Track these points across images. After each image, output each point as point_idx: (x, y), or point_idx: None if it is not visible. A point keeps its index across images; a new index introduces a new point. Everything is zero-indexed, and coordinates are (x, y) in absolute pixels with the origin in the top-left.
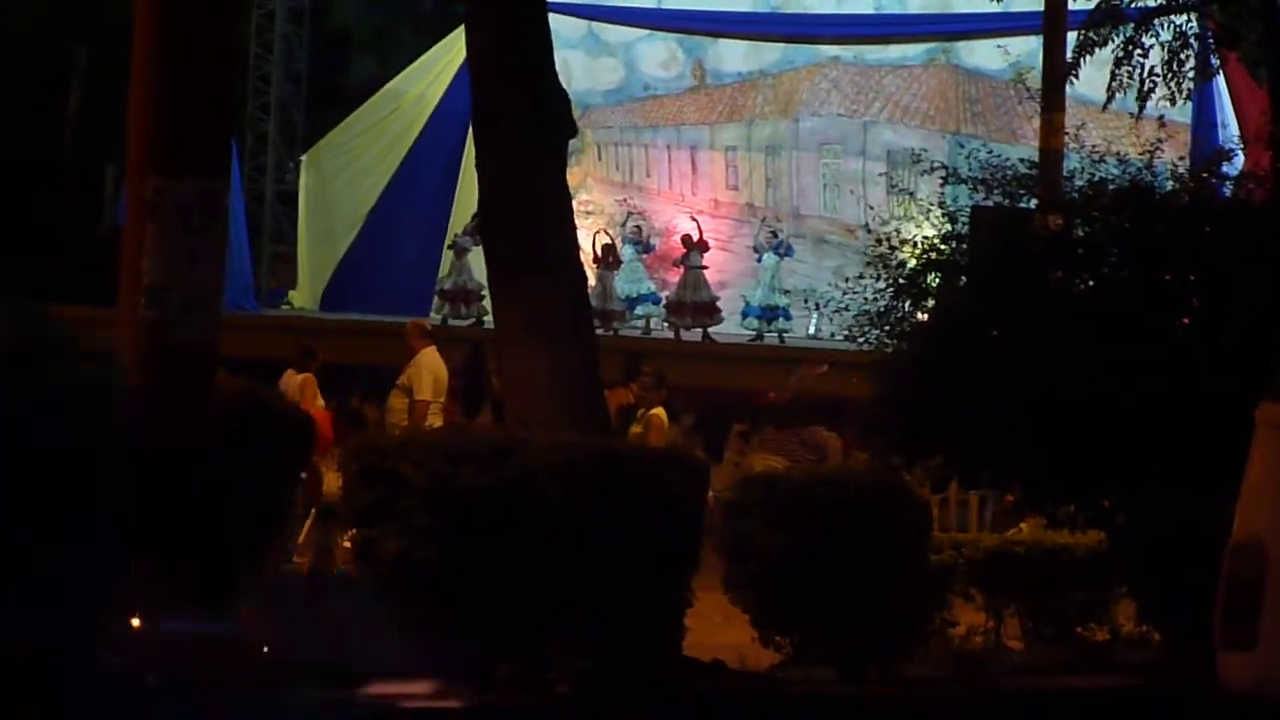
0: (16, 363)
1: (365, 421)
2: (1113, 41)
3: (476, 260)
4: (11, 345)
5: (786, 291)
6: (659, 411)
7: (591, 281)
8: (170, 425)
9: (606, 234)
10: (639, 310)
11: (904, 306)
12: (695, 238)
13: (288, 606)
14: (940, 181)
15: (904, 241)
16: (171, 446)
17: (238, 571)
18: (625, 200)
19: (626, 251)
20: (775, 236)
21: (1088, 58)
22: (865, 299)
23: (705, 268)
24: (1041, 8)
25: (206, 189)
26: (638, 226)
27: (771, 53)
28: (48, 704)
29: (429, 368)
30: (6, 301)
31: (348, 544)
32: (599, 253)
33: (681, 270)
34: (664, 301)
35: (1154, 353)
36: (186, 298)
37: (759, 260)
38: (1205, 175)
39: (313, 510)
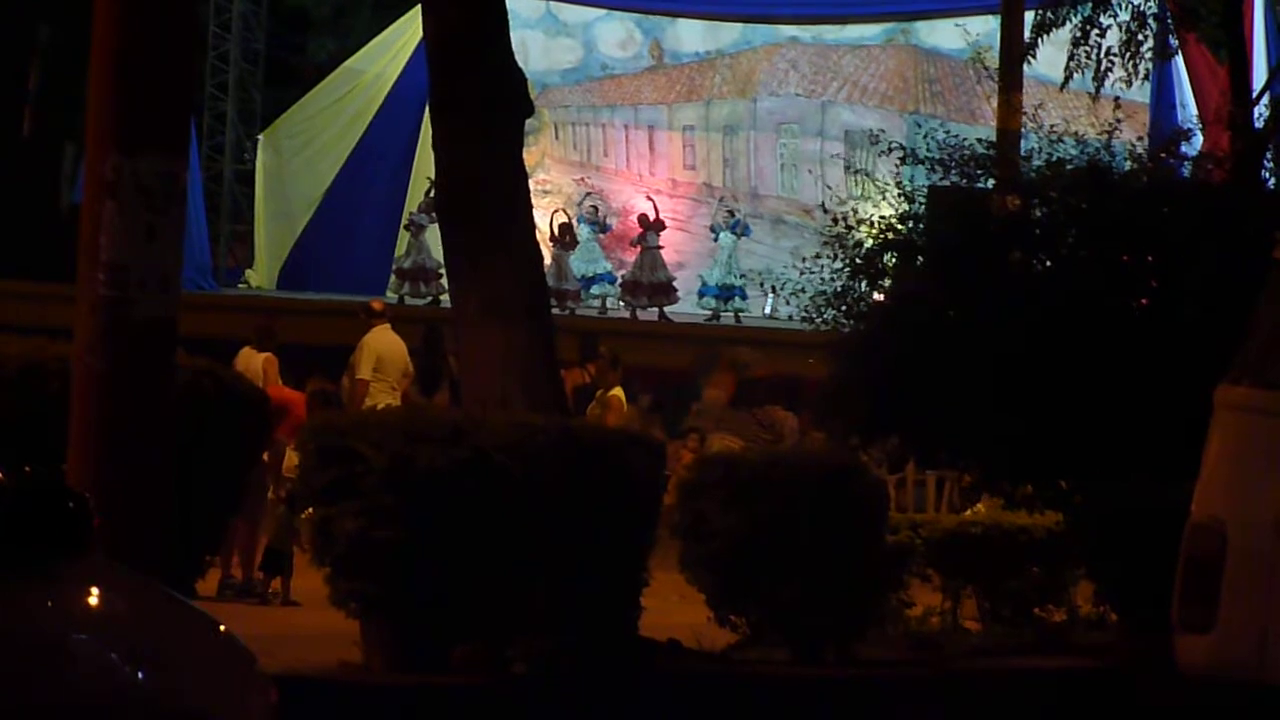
0: None
1: (338, 401)
2: (1071, 21)
3: (434, 238)
4: None
5: (743, 273)
6: (617, 392)
7: (548, 261)
8: (129, 403)
9: (564, 213)
10: (595, 290)
11: (861, 287)
12: (652, 217)
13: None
14: (898, 161)
15: (861, 221)
16: (131, 424)
17: (198, 550)
18: (583, 180)
19: (583, 231)
20: (732, 216)
21: (1046, 37)
22: (822, 279)
23: (661, 247)
24: None
25: (165, 167)
26: (594, 206)
27: (729, 33)
28: None
29: (372, 347)
30: None
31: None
32: (555, 232)
33: (638, 250)
34: (620, 281)
35: (1112, 333)
36: (145, 275)
37: (716, 240)
38: (1163, 155)
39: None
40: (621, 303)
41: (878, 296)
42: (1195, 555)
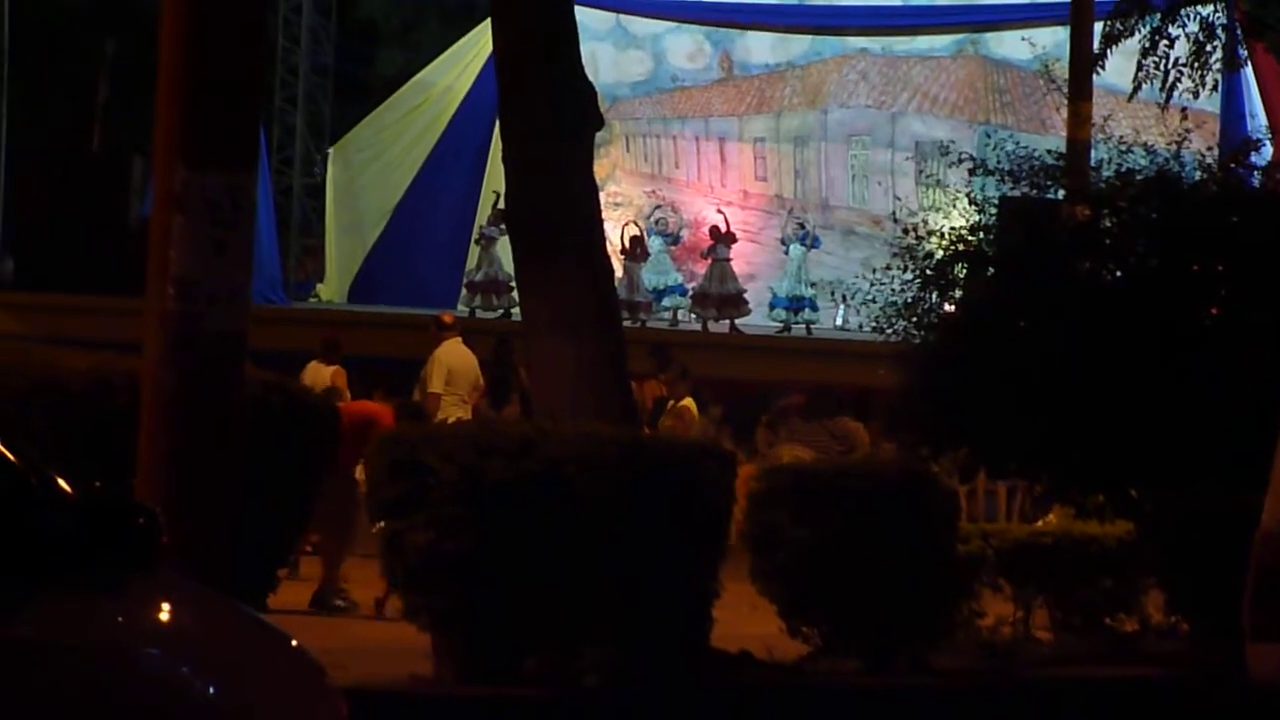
0: None
1: (424, 414)
2: (1139, 32)
3: (505, 251)
4: None
5: (813, 284)
6: (688, 403)
7: (619, 273)
8: (198, 417)
9: (635, 225)
10: (666, 302)
11: (931, 297)
12: (723, 229)
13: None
14: (968, 172)
15: (931, 232)
16: (199, 438)
17: (268, 564)
18: (654, 192)
19: (654, 243)
20: (802, 228)
21: (1114, 48)
22: (893, 290)
23: (731, 259)
24: None
25: (234, 180)
26: (664, 218)
27: (799, 44)
28: None
29: (443, 360)
30: None
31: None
32: (627, 244)
33: (708, 262)
34: (690, 293)
35: (1182, 342)
36: (214, 289)
37: (786, 252)
38: (1233, 165)
39: None
40: (692, 315)
41: (948, 307)
42: (1266, 563)
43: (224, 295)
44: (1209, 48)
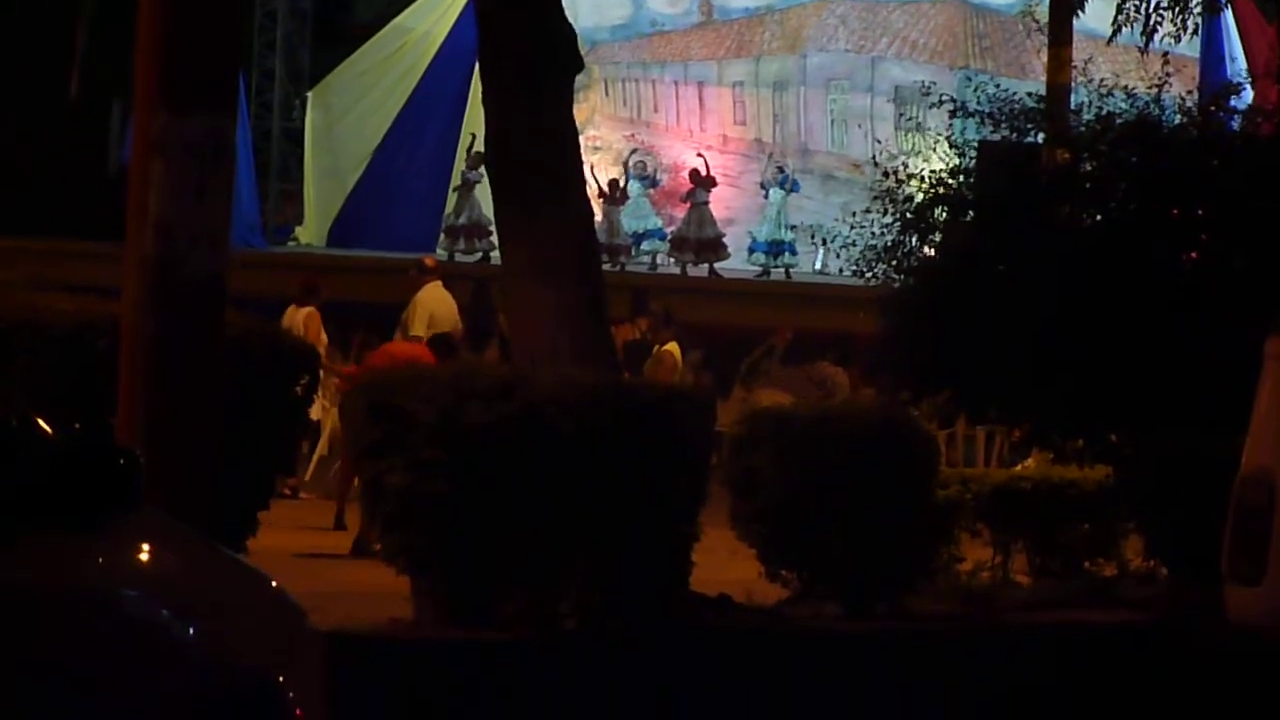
0: None
1: (456, 348)
2: None
3: (485, 194)
4: None
5: (793, 227)
6: (672, 347)
7: (598, 217)
8: (178, 360)
9: (612, 169)
10: (645, 246)
11: (911, 242)
12: (702, 173)
13: None
14: (948, 116)
15: (911, 176)
16: (179, 381)
17: (249, 508)
18: (633, 136)
19: (633, 187)
20: (782, 172)
21: None
22: (872, 234)
23: (709, 204)
24: None
25: (214, 124)
26: (643, 161)
27: None
28: None
29: (425, 304)
30: None
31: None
32: (605, 188)
33: (687, 206)
34: (669, 237)
35: (1162, 286)
36: (194, 233)
37: (765, 196)
38: (1213, 109)
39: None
40: (671, 259)
41: (928, 251)
42: (1245, 507)
43: (204, 239)
44: None
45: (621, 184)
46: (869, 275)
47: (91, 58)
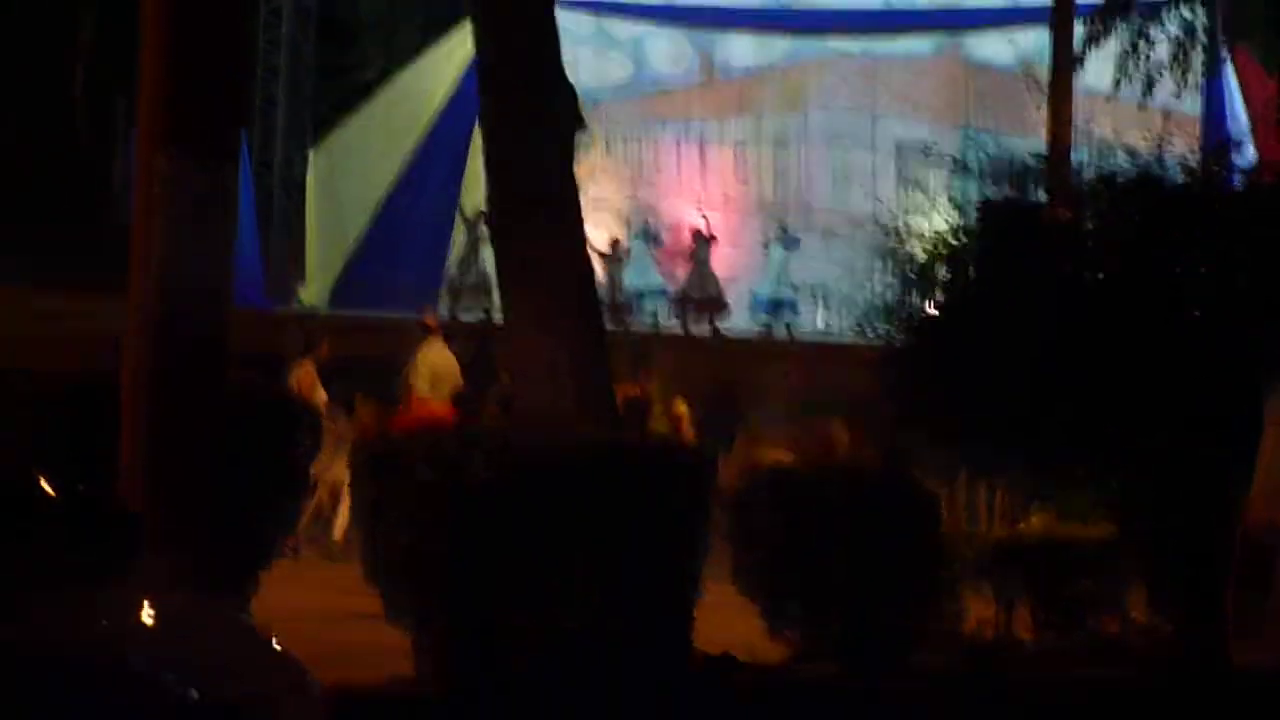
0: None
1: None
2: (1120, 33)
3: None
4: None
5: (795, 285)
6: (682, 406)
7: (600, 275)
8: (178, 415)
9: (614, 227)
10: (647, 304)
11: (913, 299)
12: (704, 232)
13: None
14: (949, 174)
15: (913, 234)
16: (180, 436)
17: (249, 564)
18: (634, 194)
19: (635, 245)
20: (784, 230)
21: (1095, 49)
22: (874, 292)
23: (710, 262)
24: (1050, 0)
25: (215, 178)
26: (646, 220)
27: (779, 46)
28: None
29: (427, 362)
30: None
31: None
32: (606, 246)
33: (690, 264)
34: (671, 295)
35: (1164, 344)
36: (194, 288)
37: (767, 254)
38: (1214, 166)
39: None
40: (674, 316)
41: (930, 309)
42: (1249, 560)
43: (204, 294)
44: (1189, 49)
45: (624, 242)
46: (871, 333)
47: (93, 107)
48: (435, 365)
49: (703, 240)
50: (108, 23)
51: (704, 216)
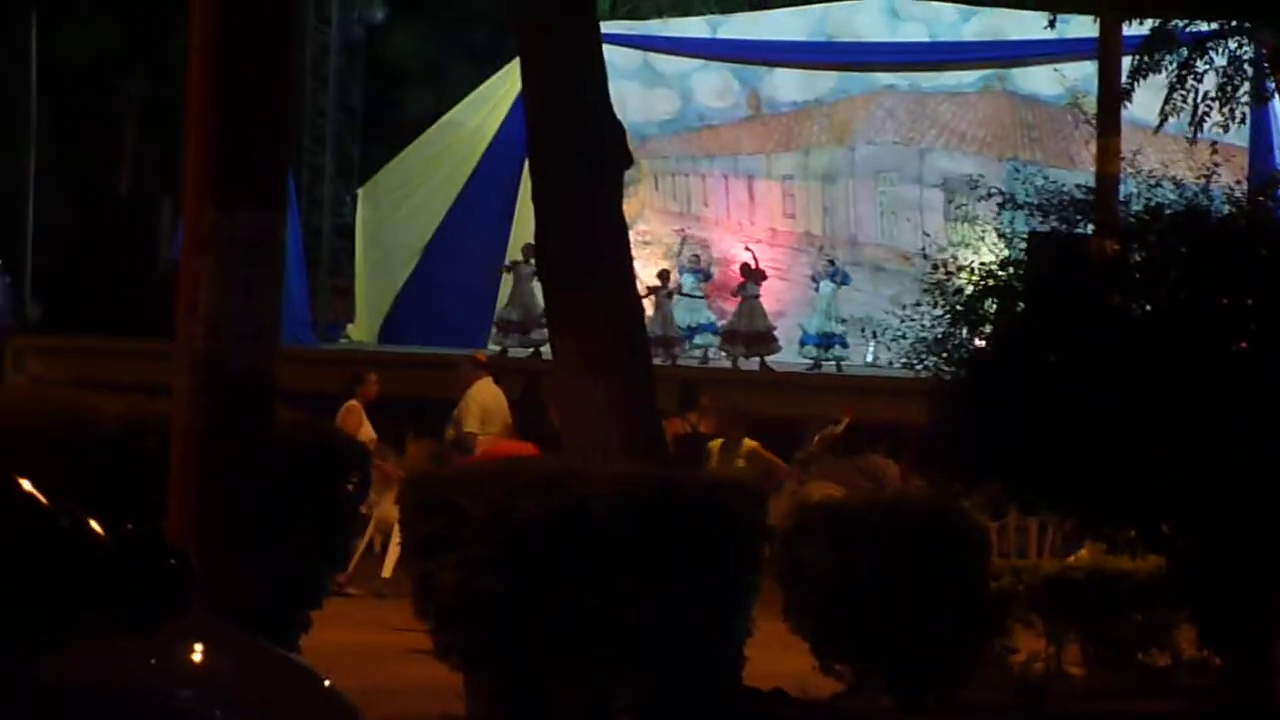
0: None
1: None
2: (1167, 66)
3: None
4: None
5: (843, 320)
6: (751, 442)
7: (650, 310)
8: (227, 456)
9: (662, 262)
10: (697, 340)
11: (961, 333)
12: (753, 266)
13: None
14: (997, 207)
15: (961, 268)
16: (229, 478)
17: (300, 606)
18: (682, 230)
19: (686, 280)
20: (832, 264)
21: (1142, 82)
22: (923, 326)
23: (759, 297)
24: (1096, 33)
25: (263, 220)
26: (696, 255)
27: (826, 82)
28: None
29: (478, 399)
30: None
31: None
32: (655, 280)
33: (738, 299)
34: (720, 330)
35: (1212, 377)
36: (243, 329)
37: (816, 289)
38: (1261, 198)
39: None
40: (722, 352)
41: (978, 342)
42: None
43: (252, 334)
44: (1236, 81)
45: (673, 276)
46: (919, 367)
47: (141, 154)
48: (485, 403)
49: (751, 275)
50: (157, 81)
51: (750, 251)
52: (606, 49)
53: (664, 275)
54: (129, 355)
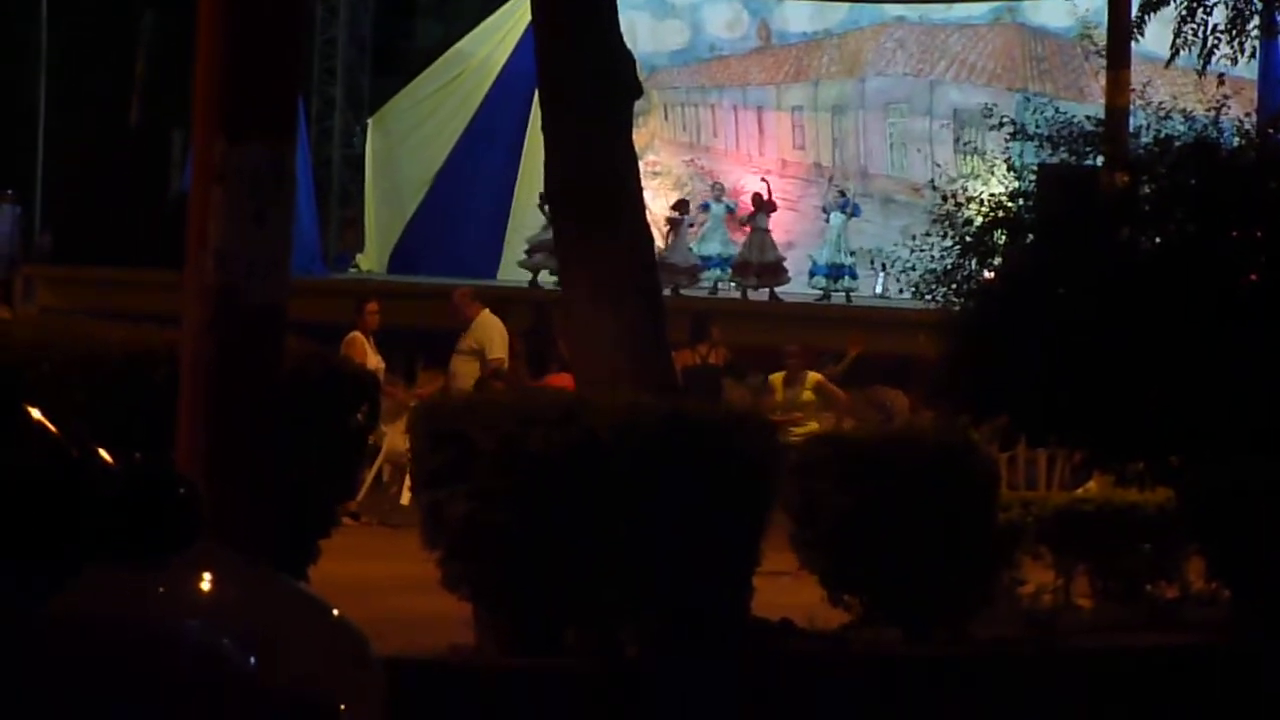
0: None
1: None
2: None
3: None
4: None
5: (853, 252)
6: (816, 375)
7: (669, 240)
8: (238, 388)
9: (672, 193)
10: (707, 273)
11: (970, 265)
12: (765, 197)
13: None
14: (1007, 139)
15: (970, 200)
16: (239, 409)
17: (310, 536)
18: (692, 161)
19: (717, 210)
20: (843, 196)
21: (1153, 15)
22: (932, 257)
23: (769, 230)
24: None
25: (273, 151)
26: (721, 185)
27: (836, 13)
28: None
29: (496, 328)
30: None
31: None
32: (675, 211)
33: (748, 230)
34: (730, 262)
35: (1221, 310)
36: (254, 261)
37: (826, 220)
38: (1271, 131)
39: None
40: (732, 283)
41: (987, 274)
42: None
43: (263, 266)
44: (1246, 14)
45: (692, 204)
46: (928, 298)
47: (151, 86)
48: (502, 331)
49: (762, 206)
50: (167, 12)
51: (765, 182)
52: None
53: (682, 205)
54: (139, 286)
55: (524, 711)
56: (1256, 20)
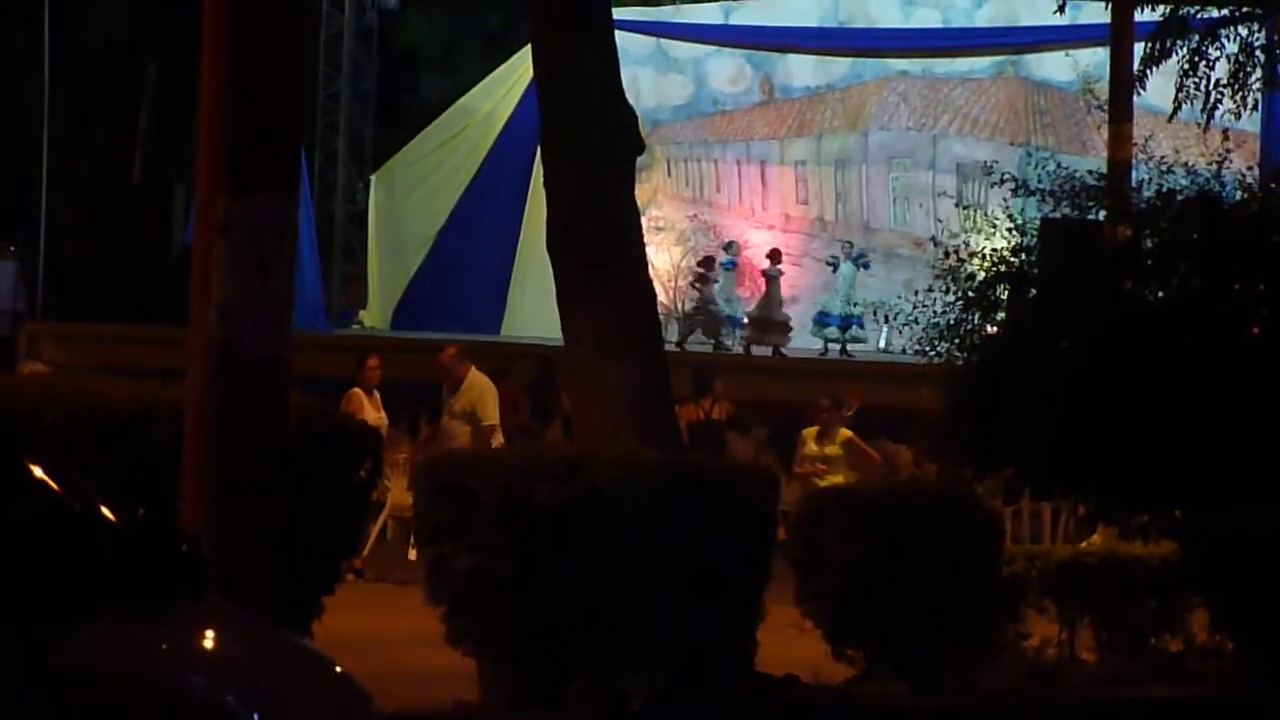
0: None
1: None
2: (1179, 52)
3: None
4: None
5: (857, 303)
6: (847, 432)
7: (667, 298)
8: (242, 442)
9: (674, 249)
10: (729, 327)
11: (974, 319)
12: (781, 252)
13: None
14: (1010, 193)
15: (973, 254)
16: (244, 463)
17: (313, 591)
18: (695, 216)
19: (726, 265)
20: (851, 246)
21: (1155, 69)
22: (935, 312)
23: (783, 274)
24: (1108, 19)
25: (276, 205)
26: (734, 243)
27: (839, 67)
28: None
29: (488, 390)
30: None
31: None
32: (700, 266)
33: (764, 284)
34: (746, 318)
35: (1224, 362)
36: (257, 315)
37: (834, 270)
38: (1273, 184)
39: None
40: (741, 339)
41: (990, 328)
42: None
43: (267, 320)
44: (1248, 68)
45: (718, 262)
46: (932, 353)
47: (154, 140)
48: (492, 392)
49: (778, 262)
50: (171, 66)
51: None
52: (620, 35)
53: (707, 262)
54: (143, 341)
55: None
56: (1258, 73)
